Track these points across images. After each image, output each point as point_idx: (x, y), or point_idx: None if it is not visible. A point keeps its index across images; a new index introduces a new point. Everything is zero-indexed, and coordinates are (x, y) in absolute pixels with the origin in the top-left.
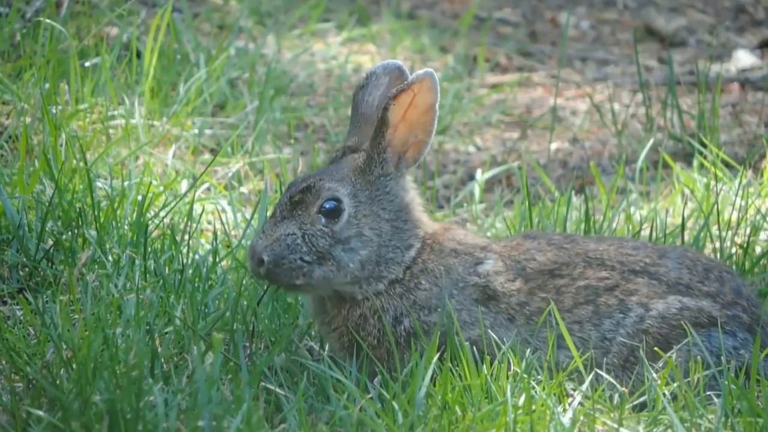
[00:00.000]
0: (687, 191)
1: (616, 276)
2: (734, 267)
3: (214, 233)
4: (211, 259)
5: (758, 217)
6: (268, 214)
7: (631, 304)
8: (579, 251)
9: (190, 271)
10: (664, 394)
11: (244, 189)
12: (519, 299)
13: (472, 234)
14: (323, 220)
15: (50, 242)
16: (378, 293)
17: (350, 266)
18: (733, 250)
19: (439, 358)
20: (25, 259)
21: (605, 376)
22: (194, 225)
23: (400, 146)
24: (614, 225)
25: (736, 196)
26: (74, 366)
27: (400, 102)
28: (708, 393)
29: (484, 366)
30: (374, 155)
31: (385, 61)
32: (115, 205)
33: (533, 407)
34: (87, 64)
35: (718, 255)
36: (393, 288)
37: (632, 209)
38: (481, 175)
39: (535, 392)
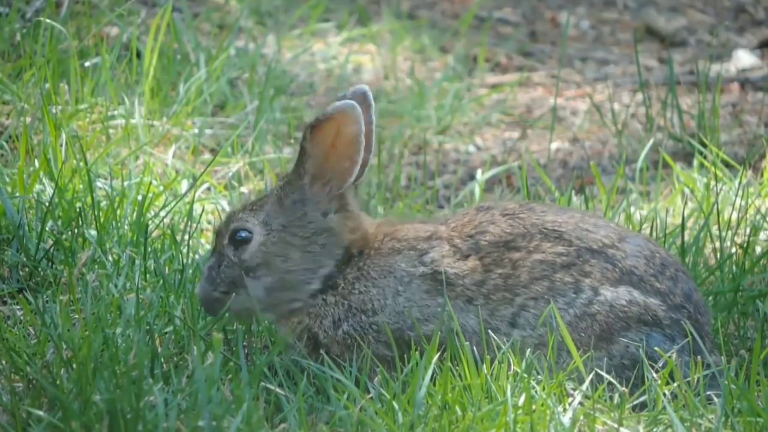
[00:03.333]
0: (687, 191)
1: (572, 253)
2: (734, 267)
3: (214, 233)
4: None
5: (758, 217)
6: None
7: (583, 285)
8: (536, 221)
9: (190, 271)
10: (664, 394)
11: (244, 189)
12: (474, 278)
13: (417, 226)
14: (232, 249)
15: (50, 242)
16: (293, 312)
17: (257, 294)
18: (733, 250)
19: (439, 358)
20: (25, 259)
21: (605, 376)
22: (194, 225)
23: (323, 175)
24: None
25: (736, 196)
26: (74, 366)
27: (321, 131)
28: (619, 389)
29: (484, 366)
30: (294, 181)
31: (354, 87)
32: (115, 205)
33: (533, 407)
34: (87, 64)
35: (718, 255)
36: (324, 297)
37: (632, 209)
38: (481, 175)
39: (535, 392)
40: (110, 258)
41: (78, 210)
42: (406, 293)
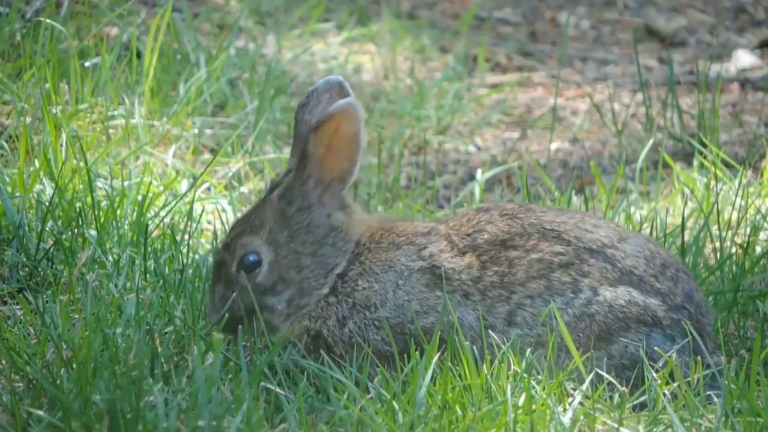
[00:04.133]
0: (687, 191)
1: (570, 252)
2: (734, 267)
3: (214, 233)
4: (211, 259)
5: (758, 217)
6: None
7: (582, 285)
8: (534, 221)
9: (190, 271)
10: (664, 394)
11: (244, 189)
12: (472, 274)
13: (416, 222)
14: (245, 275)
15: (50, 242)
16: (305, 315)
17: (279, 308)
18: (733, 250)
19: (440, 358)
20: (25, 259)
21: (606, 376)
22: (194, 225)
23: (324, 176)
24: None
25: (736, 196)
26: (74, 366)
27: (322, 132)
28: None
29: (485, 365)
30: (296, 186)
31: (327, 77)
32: (115, 205)
33: (533, 407)
34: (87, 64)
35: (718, 255)
36: (326, 299)
37: (632, 209)
38: (481, 175)
39: (535, 392)
40: (110, 258)
41: (78, 210)
42: (406, 286)
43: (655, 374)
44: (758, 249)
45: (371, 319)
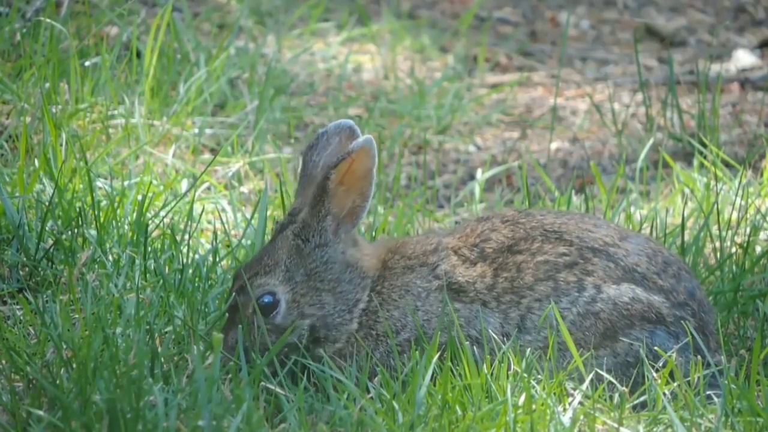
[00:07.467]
0: (687, 191)
1: (574, 252)
2: (734, 267)
3: (214, 233)
4: (211, 259)
5: (758, 217)
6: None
7: (586, 283)
8: (535, 224)
9: (190, 271)
10: (664, 394)
11: (244, 189)
12: (485, 283)
13: (419, 239)
14: (262, 318)
15: (50, 242)
16: (337, 350)
17: (301, 341)
18: (733, 249)
19: (439, 358)
20: (25, 259)
21: (605, 375)
22: (194, 225)
23: (337, 213)
24: None
25: (736, 195)
26: (74, 366)
27: (338, 169)
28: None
29: (485, 365)
30: (314, 224)
31: (338, 121)
32: (115, 204)
33: (533, 407)
34: (87, 63)
35: (718, 255)
36: (355, 336)
37: (632, 209)
38: (481, 175)
39: (535, 392)
40: (110, 258)
41: (78, 210)
42: (425, 307)
43: (656, 374)
44: (758, 249)
45: (393, 344)
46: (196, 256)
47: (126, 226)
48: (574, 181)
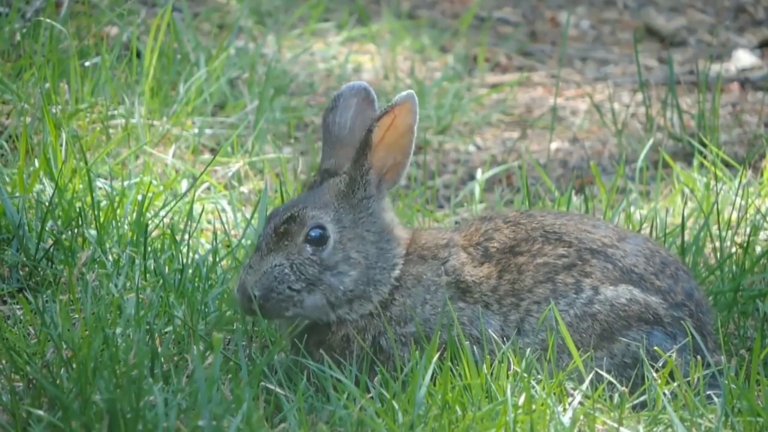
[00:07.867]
0: (687, 191)
1: (573, 254)
2: (734, 267)
3: (214, 233)
4: (211, 259)
5: (758, 216)
6: (261, 220)
7: (584, 285)
8: (536, 225)
9: (190, 271)
10: (664, 394)
11: (244, 189)
12: (490, 284)
13: (433, 232)
14: (309, 248)
15: (50, 242)
16: (364, 315)
17: (341, 288)
18: (733, 249)
19: (439, 358)
20: (25, 259)
21: (605, 375)
22: (194, 225)
23: (380, 168)
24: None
25: (736, 195)
26: (74, 366)
27: (380, 124)
28: (621, 389)
29: (485, 365)
30: (357, 177)
31: (351, 83)
32: (115, 204)
33: (533, 407)
34: (87, 63)
35: (718, 255)
36: (370, 312)
37: (632, 209)
38: (481, 175)
39: (535, 392)
40: (110, 258)
41: (78, 210)
42: (432, 301)
43: (655, 374)
44: (758, 249)
45: (399, 334)
46: (196, 256)
47: (126, 226)
48: (574, 181)
